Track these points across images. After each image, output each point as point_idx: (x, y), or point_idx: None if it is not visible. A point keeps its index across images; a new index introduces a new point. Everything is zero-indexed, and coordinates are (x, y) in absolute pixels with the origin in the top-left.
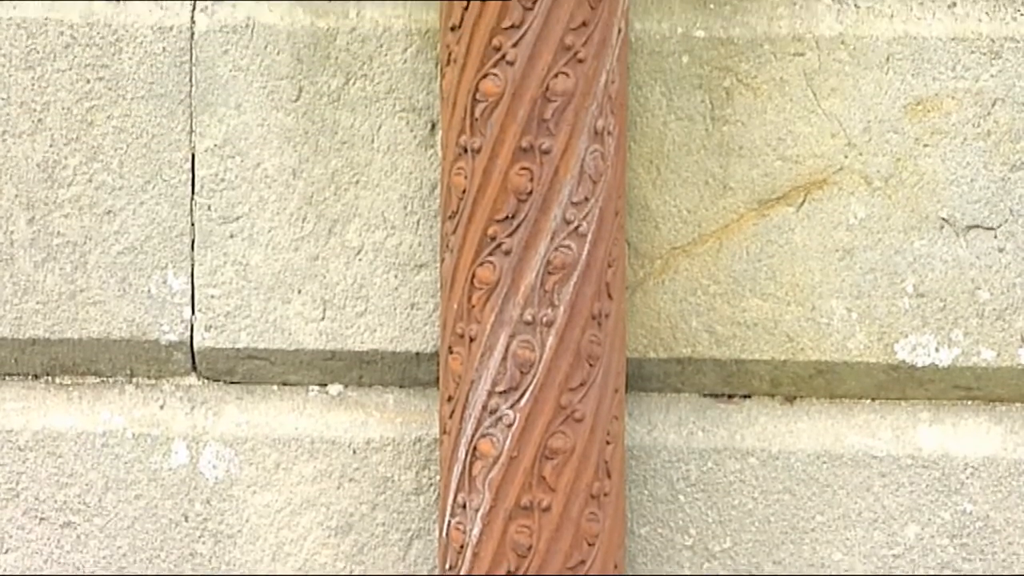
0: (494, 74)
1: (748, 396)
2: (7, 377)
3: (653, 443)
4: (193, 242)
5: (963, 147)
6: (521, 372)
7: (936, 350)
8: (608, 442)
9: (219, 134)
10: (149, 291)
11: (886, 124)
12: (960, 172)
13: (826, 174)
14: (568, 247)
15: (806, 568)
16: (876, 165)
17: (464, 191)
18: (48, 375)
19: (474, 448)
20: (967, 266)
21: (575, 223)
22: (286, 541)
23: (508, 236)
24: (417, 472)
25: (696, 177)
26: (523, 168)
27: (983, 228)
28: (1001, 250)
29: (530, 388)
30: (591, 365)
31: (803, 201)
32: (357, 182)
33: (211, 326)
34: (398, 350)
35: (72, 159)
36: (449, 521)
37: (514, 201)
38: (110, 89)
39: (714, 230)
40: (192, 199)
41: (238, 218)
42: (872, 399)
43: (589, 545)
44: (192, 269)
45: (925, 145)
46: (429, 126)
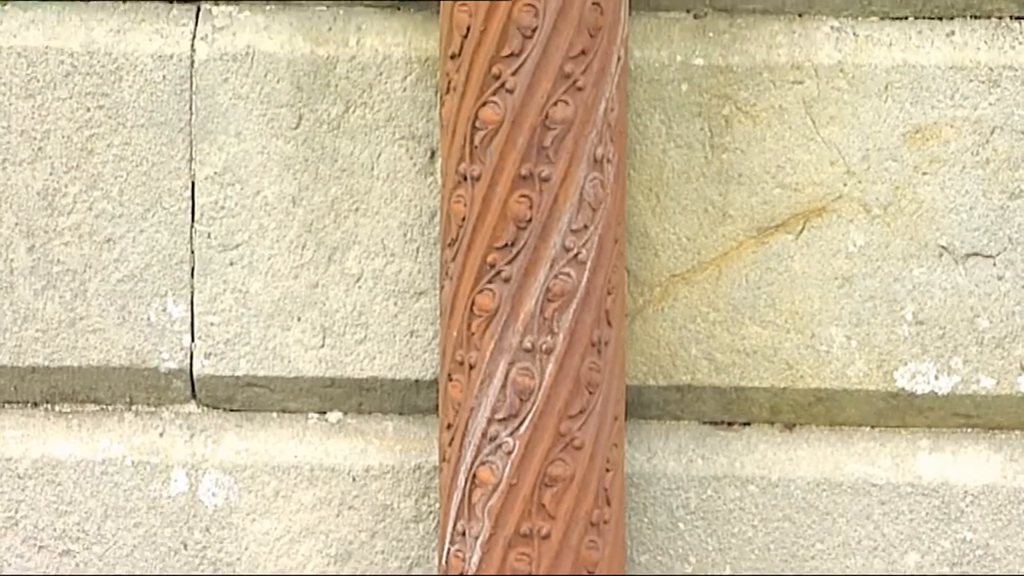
0: (494, 102)
1: (748, 424)
2: (6, 405)
3: (653, 471)
4: (193, 270)
5: (962, 175)
6: (520, 399)
7: (936, 378)
8: (608, 469)
9: (219, 162)
10: (149, 319)
11: (885, 152)
12: (959, 200)
13: (825, 202)
14: (567, 275)
15: None
16: (875, 193)
17: (464, 219)
18: (47, 403)
19: (474, 475)
20: (966, 294)
21: (574, 251)
22: (285, 569)
23: (507, 264)
24: (416, 500)
25: (695, 205)
26: (522, 196)
27: (982, 256)
28: (1000, 278)
29: (529, 415)
30: (591, 392)
31: (802, 229)
32: (357, 210)
33: (211, 353)
34: (397, 377)
35: (72, 187)
36: (449, 549)
37: (513, 229)
38: (110, 117)
39: (713, 258)
40: (192, 227)
41: (238, 246)
42: (872, 427)
43: (589, 573)
44: (192, 297)
45: (924, 173)
46: (429, 154)
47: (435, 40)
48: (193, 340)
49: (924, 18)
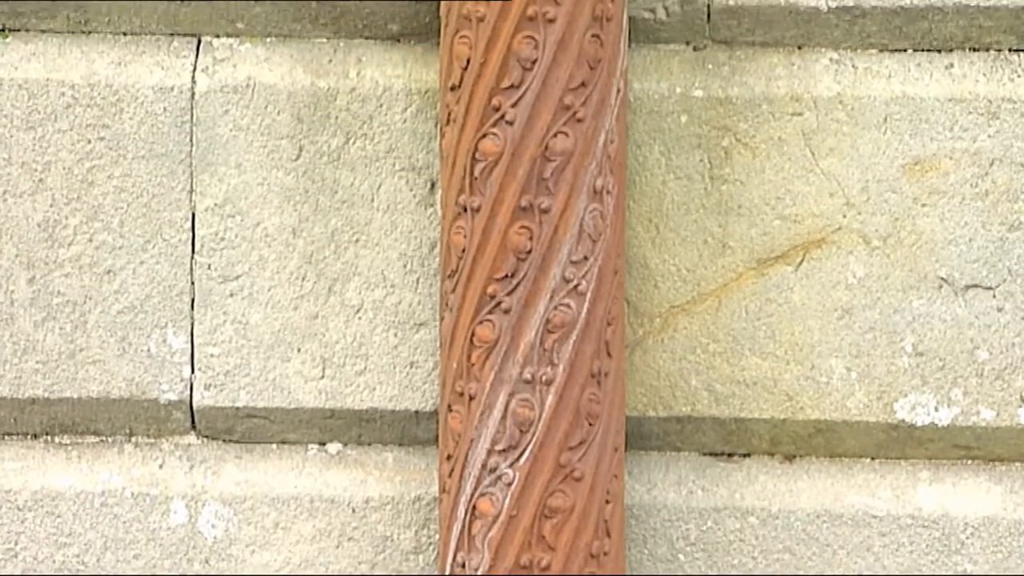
0: (493, 133)
1: (748, 455)
2: (6, 437)
3: (653, 502)
4: (193, 301)
5: (961, 207)
6: (520, 431)
7: (936, 409)
8: (608, 501)
9: (219, 193)
10: (149, 350)
11: (884, 184)
12: (958, 232)
13: (825, 233)
14: (567, 306)
15: None
16: (875, 224)
17: (464, 250)
18: (47, 434)
19: (473, 507)
20: (966, 325)
21: (574, 282)
22: None
23: (507, 295)
24: (416, 531)
25: (695, 236)
26: (522, 227)
27: (982, 288)
28: (1000, 309)
29: (529, 447)
30: (590, 424)
31: (802, 260)
32: (357, 241)
33: (211, 385)
34: (397, 408)
35: (72, 219)
36: None
37: (513, 260)
38: (111, 149)
39: (713, 289)
40: (192, 258)
41: (238, 277)
42: (872, 458)
43: None
44: (192, 328)
45: (923, 205)
46: (429, 185)
47: (435, 72)
48: (193, 371)
49: (923, 50)
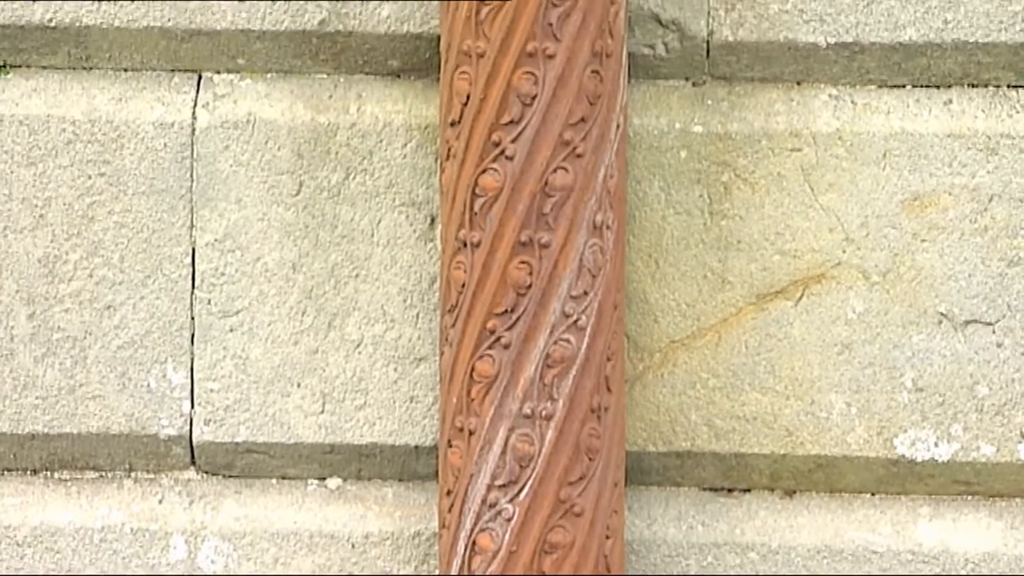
0: (493, 169)
1: (748, 490)
2: (6, 472)
3: (653, 537)
4: (193, 336)
5: (960, 243)
6: (520, 466)
7: (935, 445)
8: (608, 536)
9: (220, 228)
10: (148, 385)
11: (884, 219)
12: (958, 267)
13: (824, 269)
14: (567, 341)
15: None
16: (874, 260)
17: (463, 285)
18: (47, 470)
19: (473, 542)
20: (966, 361)
21: (574, 317)
22: None
23: (507, 330)
24: (416, 567)
25: (695, 271)
26: (522, 262)
27: (981, 323)
28: (999, 345)
29: (529, 482)
30: (590, 459)
31: (801, 295)
32: (357, 276)
33: (210, 420)
34: (397, 443)
35: (73, 254)
36: None
37: (513, 295)
38: (111, 185)
39: (713, 324)
40: (192, 293)
41: (238, 312)
42: (872, 494)
43: None
44: (192, 363)
45: (923, 240)
46: (429, 220)
47: (435, 107)
48: (193, 406)
49: (922, 86)
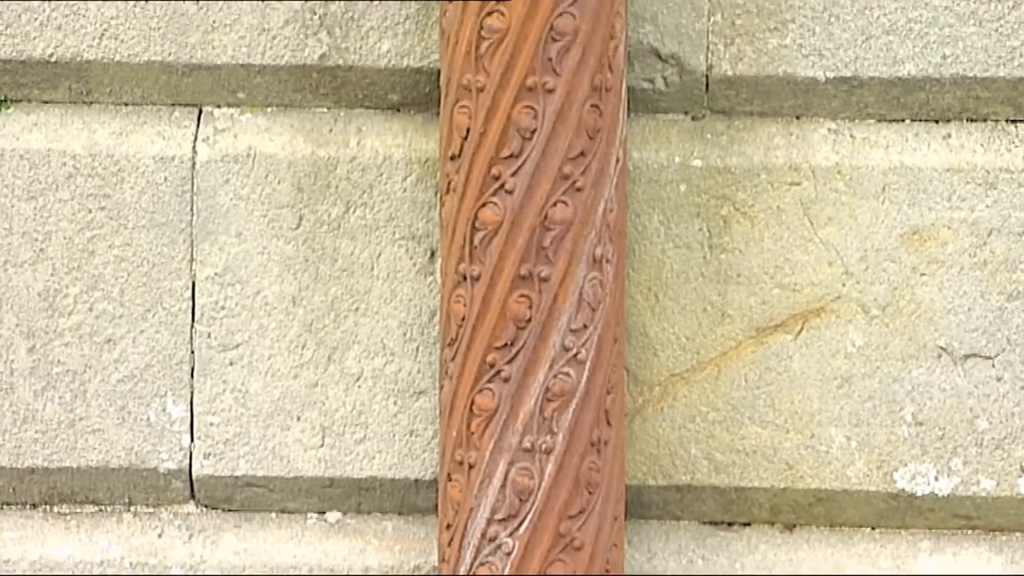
0: (493, 203)
1: (748, 524)
2: (5, 506)
3: (653, 571)
4: (193, 370)
5: (960, 276)
6: (520, 500)
7: (936, 479)
8: (607, 570)
9: (220, 262)
10: (148, 419)
11: (883, 253)
12: (957, 301)
13: (824, 302)
14: (567, 374)
15: None
16: (873, 294)
17: (463, 318)
18: (46, 504)
19: None
20: (965, 395)
21: (574, 350)
22: None
23: (507, 363)
24: None
25: (694, 305)
26: (522, 296)
27: (981, 357)
28: (999, 379)
29: (529, 516)
30: (590, 492)
31: (801, 329)
32: (357, 309)
33: (210, 454)
34: (397, 477)
35: (73, 288)
36: None
37: (513, 328)
38: (111, 219)
39: (712, 357)
40: (192, 327)
41: (238, 345)
42: (872, 527)
43: None
44: (191, 397)
45: (922, 274)
46: (428, 254)
47: (435, 141)
48: (192, 440)
49: (921, 120)
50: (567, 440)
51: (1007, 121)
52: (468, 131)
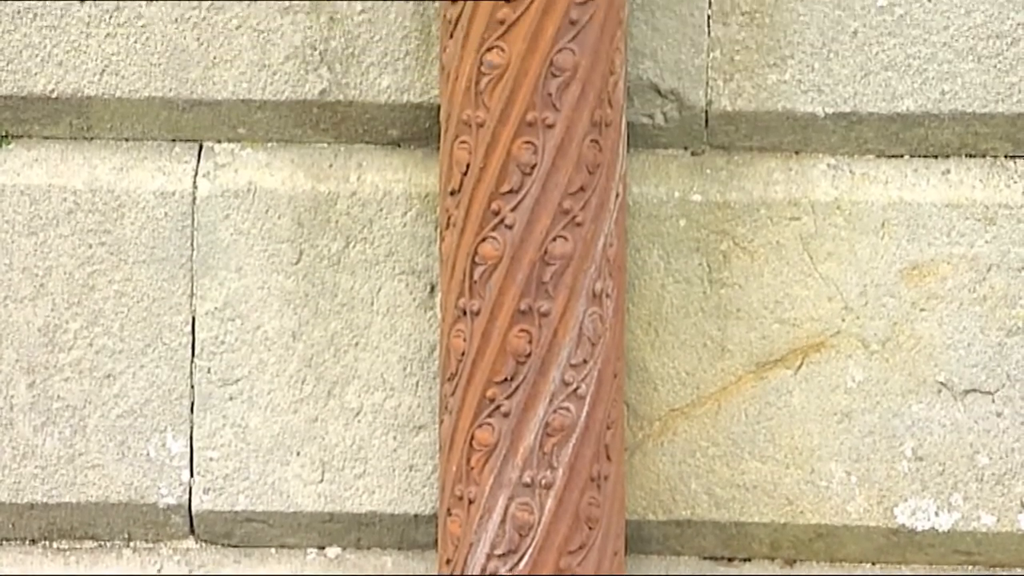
0: (493, 237)
1: (748, 559)
2: (5, 542)
3: None
4: (192, 404)
5: (959, 312)
6: (520, 535)
7: (936, 514)
8: None
9: (220, 297)
10: (148, 454)
11: (883, 288)
12: (957, 337)
13: (823, 337)
14: (567, 409)
15: None
16: (873, 329)
17: (463, 353)
18: (46, 540)
19: None
20: (965, 430)
21: (574, 385)
22: None
23: (507, 398)
24: None
25: (694, 339)
26: (522, 330)
27: (981, 392)
28: (999, 414)
29: (529, 551)
30: (590, 527)
31: (801, 364)
32: (356, 344)
33: (209, 489)
34: (397, 512)
35: (73, 323)
36: None
37: (513, 363)
38: (112, 254)
39: (712, 392)
40: (192, 362)
41: (238, 380)
42: (872, 563)
43: None
44: (191, 432)
45: (922, 309)
46: (428, 288)
47: (435, 176)
48: (192, 475)
49: (920, 156)
50: (567, 475)
51: (1006, 157)
52: (468, 166)
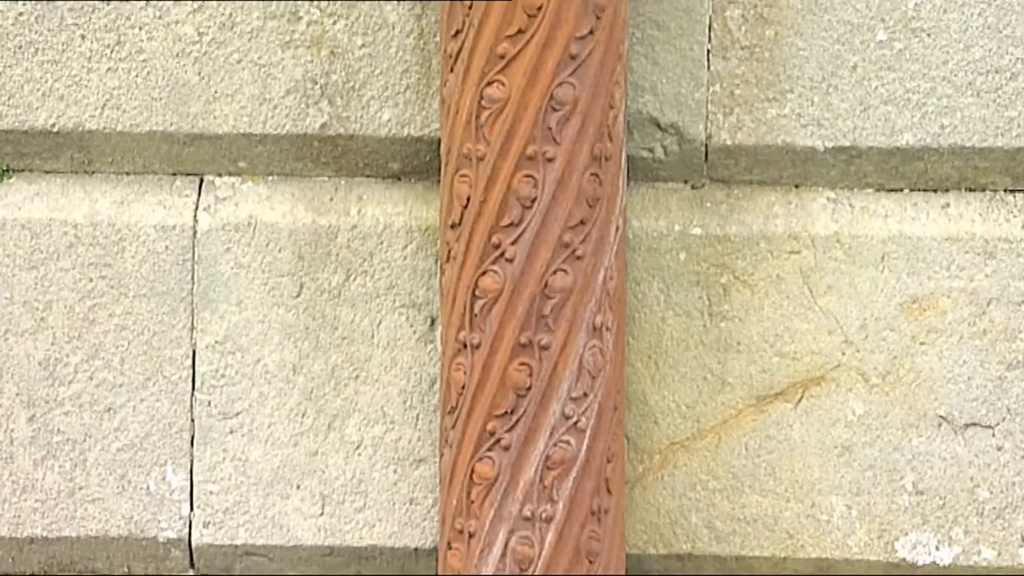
0: (493, 271)
1: None
2: None
3: None
4: (192, 438)
5: (959, 346)
6: (520, 568)
7: (936, 548)
8: None
9: (220, 330)
10: (148, 488)
11: (882, 322)
12: (957, 370)
13: (824, 371)
14: (567, 442)
15: None
16: (873, 362)
17: (463, 386)
18: (46, 574)
19: None
20: (966, 464)
21: (574, 418)
22: None
23: (507, 431)
24: None
25: (694, 373)
26: (522, 364)
27: (981, 426)
28: (999, 448)
29: None
30: (591, 561)
31: (801, 397)
32: (357, 377)
33: (209, 522)
34: (397, 546)
35: (73, 357)
36: None
37: (513, 396)
38: (112, 287)
39: (713, 425)
40: (192, 395)
41: (238, 414)
42: None
43: None
44: (191, 465)
45: (921, 343)
46: (429, 321)
47: (435, 210)
48: (192, 509)
49: (919, 190)
50: (567, 509)
51: (1005, 191)
52: (468, 199)
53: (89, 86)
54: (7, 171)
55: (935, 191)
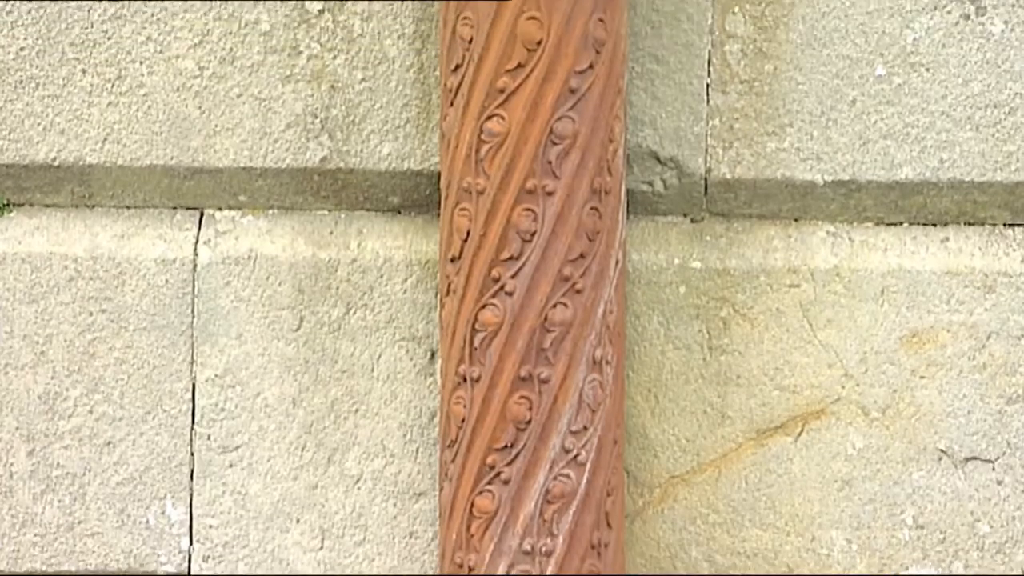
0: (493, 304)
1: None
2: None
3: None
4: (192, 472)
5: (959, 379)
6: None
7: None
8: None
9: (220, 364)
10: (147, 522)
11: (882, 356)
12: (957, 404)
13: (824, 404)
14: (567, 476)
15: None
16: (873, 396)
17: (463, 420)
18: None
19: None
20: (966, 498)
21: (574, 452)
22: None
23: (507, 465)
24: None
25: (694, 406)
26: (522, 397)
27: (981, 460)
28: (1000, 482)
29: None
30: None
31: (801, 431)
32: (357, 411)
33: (209, 556)
34: None
35: (73, 391)
36: None
37: (513, 430)
38: (112, 321)
39: (713, 459)
40: (192, 429)
41: (238, 447)
42: None
43: None
44: (191, 499)
45: (921, 377)
46: (429, 355)
47: (435, 243)
48: (191, 543)
49: (919, 224)
50: (567, 542)
51: (1004, 225)
52: (468, 233)
53: (90, 120)
54: (7, 205)
55: (934, 225)
